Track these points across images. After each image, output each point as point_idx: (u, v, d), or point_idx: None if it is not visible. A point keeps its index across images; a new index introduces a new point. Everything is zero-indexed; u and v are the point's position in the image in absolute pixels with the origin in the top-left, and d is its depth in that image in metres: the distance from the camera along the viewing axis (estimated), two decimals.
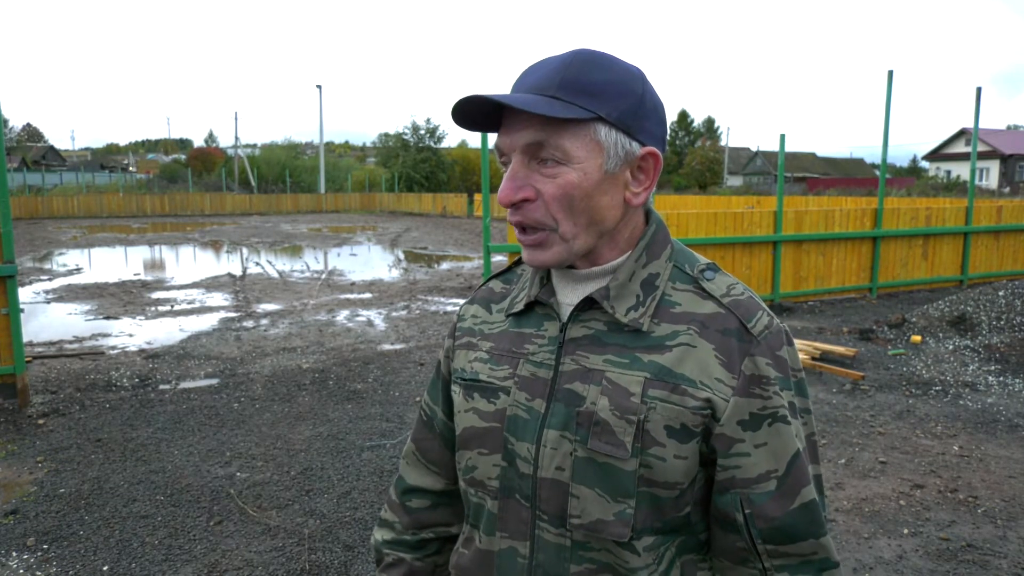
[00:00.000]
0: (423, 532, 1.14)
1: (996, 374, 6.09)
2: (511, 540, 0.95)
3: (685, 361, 0.89)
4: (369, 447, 4.60)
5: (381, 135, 52.99)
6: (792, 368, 0.92)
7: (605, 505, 0.89)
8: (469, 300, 1.13)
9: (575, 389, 0.91)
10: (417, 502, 1.14)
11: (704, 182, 53.81)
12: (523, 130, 0.87)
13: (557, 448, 0.91)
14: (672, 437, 0.88)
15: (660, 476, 0.88)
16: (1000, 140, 49.84)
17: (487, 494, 0.98)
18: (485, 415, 0.98)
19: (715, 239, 8.79)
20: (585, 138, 0.87)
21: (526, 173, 0.89)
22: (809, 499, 0.89)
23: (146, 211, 34.64)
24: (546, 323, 0.98)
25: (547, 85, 0.87)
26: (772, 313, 0.94)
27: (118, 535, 3.48)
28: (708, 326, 0.90)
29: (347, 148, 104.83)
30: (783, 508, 0.88)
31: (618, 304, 0.92)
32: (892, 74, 9.62)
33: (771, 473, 0.89)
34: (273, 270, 14.17)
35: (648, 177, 0.93)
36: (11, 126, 72.08)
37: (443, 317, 9.08)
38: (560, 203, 0.88)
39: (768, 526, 0.89)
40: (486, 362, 1.01)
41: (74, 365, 6.71)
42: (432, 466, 1.13)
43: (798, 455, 0.90)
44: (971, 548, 3.31)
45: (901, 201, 19.05)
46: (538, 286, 1.00)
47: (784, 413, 0.89)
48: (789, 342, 0.93)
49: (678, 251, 0.98)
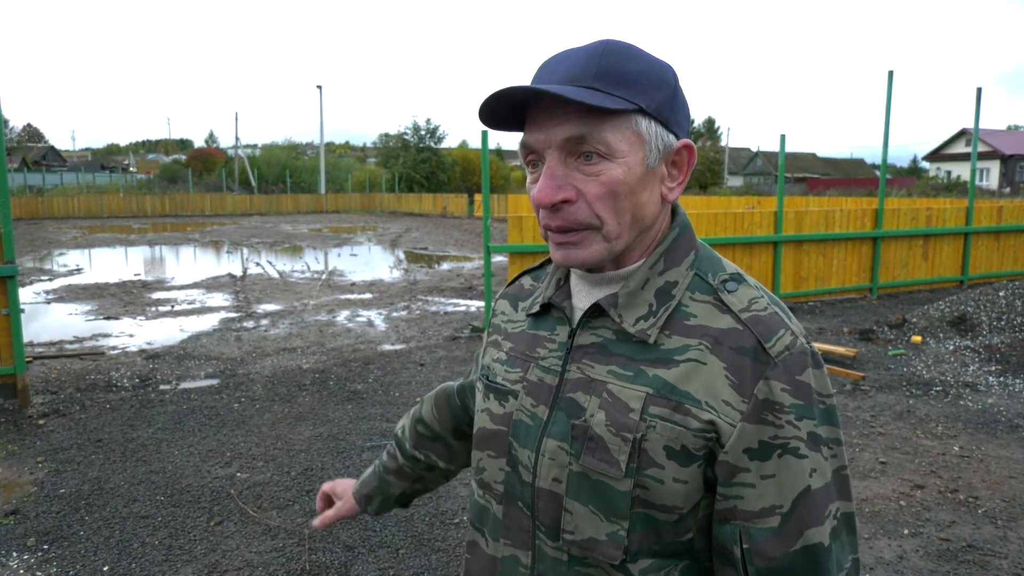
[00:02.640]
0: (418, 451, 1.28)
1: (996, 374, 6.08)
2: (513, 548, 0.93)
3: (692, 378, 0.82)
4: (369, 447, 4.60)
5: (381, 135, 52.99)
6: (819, 394, 0.83)
7: (598, 524, 0.85)
8: (501, 294, 1.10)
9: (576, 399, 0.88)
10: (421, 429, 1.28)
11: (704, 182, 53.80)
12: (561, 124, 0.81)
13: (555, 459, 0.87)
14: (672, 459, 0.82)
15: (658, 499, 0.83)
16: (1000, 140, 49.83)
17: (493, 497, 0.97)
18: (496, 417, 0.96)
19: (715, 239, 8.81)
20: (627, 131, 0.82)
21: (565, 171, 0.83)
22: (814, 542, 0.80)
23: (146, 211, 34.64)
24: (559, 327, 0.94)
25: (582, 75, 0.81)
26: (800, 331, 0.85)
27: (118, 535, 3.48)
28: (721, 342, 0.83)
29: (347, 148, 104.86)
30: (783, 548, 0.80)
31: (627, 313, 0.87)
32: (892, 74, 9.62)
33: (776, 509, 0.80)
34: (273, 270, 14.17)
35: (681, 172, 0.89)
36: (12, 126, 72.14)
37: (443, 318, 9.08)
38: (605, 201, 0.82)
39: (766, 566, 0.81)
40: (503, 363, 0.99)
41: (74, 365, 6.71)
42: (438, 413, 1.26)
43: (807, 492, 0.81)
44: (971, 548, 3.31)
45: (901, 201, 19.05)
46: (554, 287, 0.96)
47: (797, 445, 0.81)
48: (816, 364, 0.84)
49: (703, 258, 0.91)
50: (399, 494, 1.31)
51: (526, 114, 0.86)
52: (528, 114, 0.85)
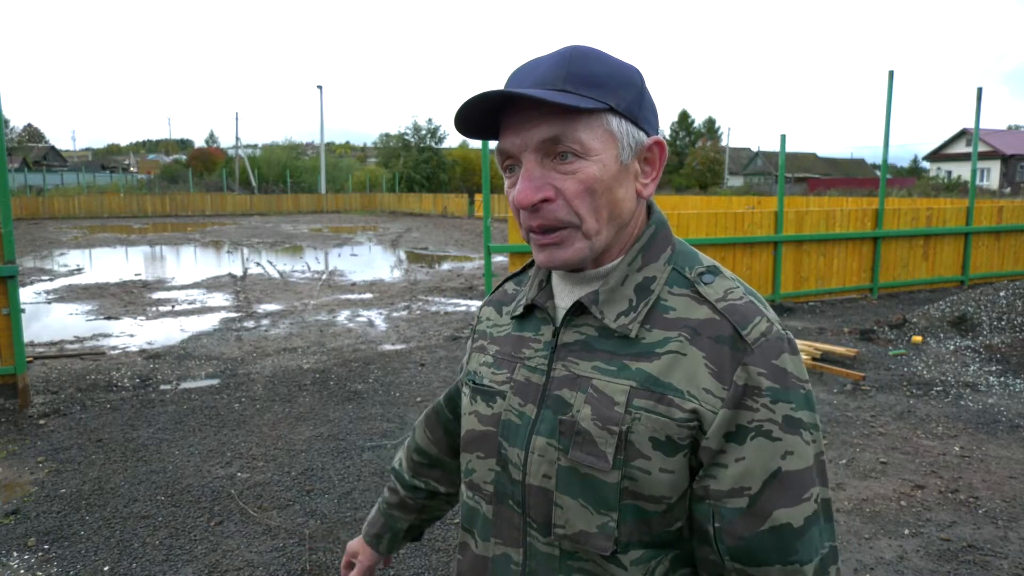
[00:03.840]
0: (417, 480, 1.27)
1: (997, 374, 6.08)
2: (504, 546, 0.95)
3: (673, 370, 0.85)
4: (370, 447, 4.60)
5: (382, 135, 53.05)
6: (796, 379, 0.85)
7: (588, 517, 0.87)
8: (485, 301, 1.14)
9: (563, 396, 0.90)
10: (418, 458, 1.28)
11: (705, 182, 53.81)
12: (536, 127, 0.84)
13: (544, 455, 0.89)
14: (658, 449, 0.84)
15: (645, 489, 0.85)
16: (1001, 140, 49.80)
17: (483, 498, 0.98)
18: (484, 419, 0.98)
19: (716, 239, 8.79)
20: (599, 129, 0.85)
21: (542, 172, 0.86)
22: (781, 523, 0.82)
23: (147, 211, 34.66)
24: (543, 327, 0.97)
25: (552, 80, 0.84)
26: (775, 319, 0.88)
27: (119, 535, 3.48)
28: (700, 332, 0.86)
29: (348, 148, 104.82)
30: (751, 528, 0.82)
31: (608, 309, 0.90)
32: (893, 74, 9.62)
33: (744, 490, 0.82)
34: (274, 270, 14.17)
35: (654, 168, 0.92)
36: (12, 126, 72.15)
37: (444, 318, 9.08)
38: (583, 198, 0.85)
39: (735, 544, 0.83)
40: (490, 366, 1.01)
41: (75, 365, 6.72)
42: (431, 434, 1.27)
43: (777, 474, 0.82)
44: (972, 549, 3.31)
45: (902, 201, 19.05)
46: (536, 289, 0.99)
47: (770, 428, 0.83)
48: (793, 351, 0.86)
49: (680, 253, 0.94)
50: (407, 528, 1.30)
51: (500, 121, 0.89)
52: (503, 120, 0.88)
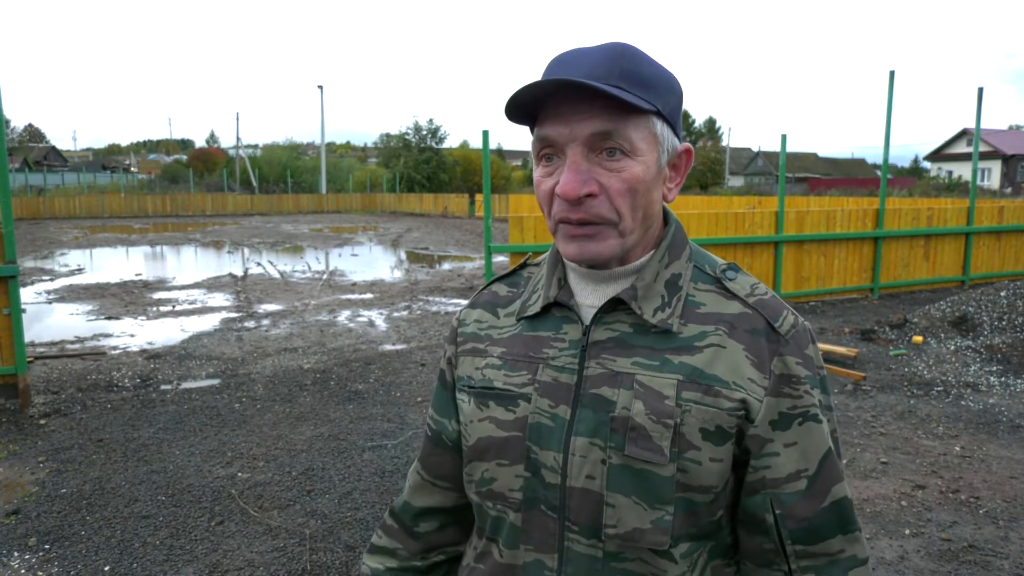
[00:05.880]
0: (433, 555, 1.10)
1: (998, 375, 6.08)
2: (537, 553, 0.91)
3: (716, 362, 0.87)
4: (370, 447, 4.60)
5: (382, 135, 53.00)
6: (818, 367, 0.91)
7: (642, 513, 0.86)
8: (470, 304, 1.08)
9: (603, 394, 0.88)
10: (426, 525, 1.09)
11: (705, 182, 53.77)
12: (588, 119, 0.83)
13: (587, 456, 0.87)
14: (707, 440, 0.86)
15: (696, 480, 0.86)
16: (1002, 140, 49.77)
17: (508, 506, 0.93)
18: (504, 424, 0.93)
19: (717, 239, 8.79)
20: (646, 131, 0.85)
21: (588, 166, 0.84)
22: (840, 496, 0.88)
23: (147, 211, 34.68)
24: (565, 326, 0.94)
25: (607, 74, 0.83)
26: (795, 312, 0.93)
27: (119, 535, 3.48)
28: (737, 326, 0.89)
29: (348, 148, 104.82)
30: (813, 507, 0.87)
31: (645, 305, 0.90)
32: (893, 74, 9.62)
33: (801, 472, 0.87)
34: (274, 270, 14.18)
35: (679, 174, 0.93)
36: (13, 126, 72.20)
37: (444, 318, 9.08)
38: (625, 197, 0.85)
39: (798, 526, 0.87)
40: (500, 368, 0.96)
41: (75, 365, 6.72)
42: (442, 482, 1.08)
43: (829, 453, 0.88)
44: (973, 549, 3.31)
45: (903, 201, 19.05)
46: (556, 287, 0.96)
47: (816, 412, 0.88)
48: (813, 340, 0.92)
49: (696, 252, 0.97)
50: None
51: (541, 108, 0.86)
52: (546, 107, 0.86)
